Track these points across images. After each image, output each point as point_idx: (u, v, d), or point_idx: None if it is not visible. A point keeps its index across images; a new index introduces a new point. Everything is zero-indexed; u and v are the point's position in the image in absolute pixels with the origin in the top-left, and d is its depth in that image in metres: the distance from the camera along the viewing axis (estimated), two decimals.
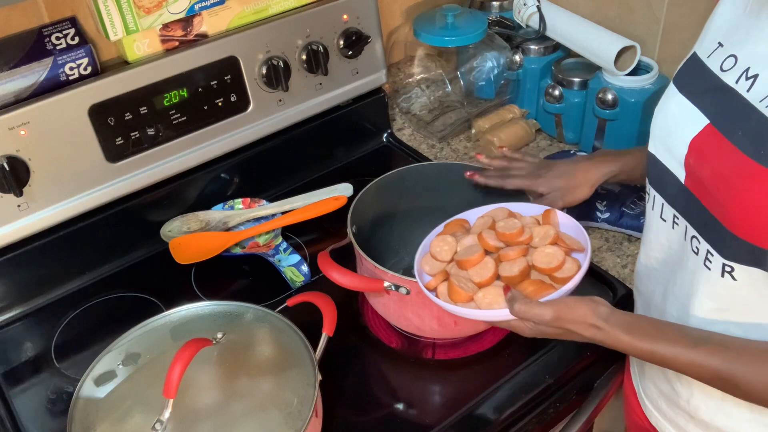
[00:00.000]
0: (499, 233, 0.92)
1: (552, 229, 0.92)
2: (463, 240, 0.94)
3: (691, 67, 0.81)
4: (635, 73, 1.28)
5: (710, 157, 0.75)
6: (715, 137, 0.74)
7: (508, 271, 0.87)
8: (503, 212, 0.98)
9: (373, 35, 1.31)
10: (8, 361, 1.07)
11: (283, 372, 0.87)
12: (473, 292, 0.86)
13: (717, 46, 0.77)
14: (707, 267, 0.78)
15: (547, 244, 0.90)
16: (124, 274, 1.20)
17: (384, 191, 1.10)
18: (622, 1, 1.33)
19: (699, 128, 0.76)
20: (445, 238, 0.95)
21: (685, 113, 0.79)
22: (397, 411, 0.98)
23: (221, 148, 1.23)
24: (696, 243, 0.79)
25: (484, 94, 1.48)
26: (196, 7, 1.14)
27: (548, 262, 0.87)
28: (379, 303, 1.02)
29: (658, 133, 0.84)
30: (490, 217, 0.97)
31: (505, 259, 0.89)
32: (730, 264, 0.75)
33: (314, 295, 0.96)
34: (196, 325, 0.93)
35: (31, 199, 1.07)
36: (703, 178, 0.76)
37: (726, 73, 0.75)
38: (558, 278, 0.86)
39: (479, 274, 0.88)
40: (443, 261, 0.93)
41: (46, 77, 1.06)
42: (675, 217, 0.82)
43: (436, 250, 0.94)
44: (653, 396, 0.95)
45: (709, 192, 0.75)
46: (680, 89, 0.81)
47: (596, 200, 1.21)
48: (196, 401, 0.83)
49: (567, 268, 0.87)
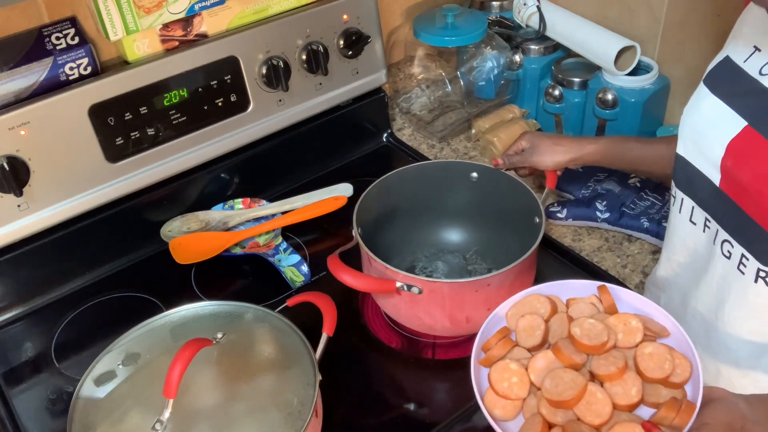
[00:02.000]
0: (580, 344, 0.74)
1: (633, 318, 0.75)
2: (533, 363, 0.75)
3: (725, 70, 0.80)
4: (635, 73, 1.28)
5: (751, 159, 0.73)
6: (755, 139, 0.73)
7: (624, 398, 0.70)
8: (542, 302, 0.81)
9: (373, 35, 1.31)
10: (8, 361, 1.07)
11: (283, 372, 0.87)
12: None
13: (753, 50, 0.77)
14: (741, 271, 0.76)
15: (639, 341, 0.74)
16: (124, 274, 1.20)
17: (385, 192, 1.10)
18: (622, 1, 1.33)
19: (737, 130, 0.75)
20: (506, 366, 0.75)
21: (719, 115, 0.77)
22: (398, 411, 0.98)
23: (221, 148, 1.23)
24: (728, 247, 0.77)
25: (484, 94, 1.48)
26: (196, 7, 1.14)
27: (660, 368, 0.71)
28: (389, 304, 1.02)
29: (688, 134, 0.82)
30: (533, 315, 0.79)
31: (610, 380, 0.71)
32: (766, 269, 0.74)
33: (314, 295, 0.96)
34: (196, 325, 0.93)
35: (31, 199, 1.07)
36: (743, 181, 0.74)
37: (766, 77, 0.74)
38: (674, 383, 0.72)
39: (594, 413, 0.69)
40: (518, 399, 0.74)
41: (46, 77, 1.06)
42: (707, 221, 0.81)
43: (503, 386, 0.74)
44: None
45: (749, 195, 0.74)
46: (713, 91, 0.80)
47: (596, 200, 1.21)
48: (196, 401, 0.83)
49: (678, 366, 0.72)
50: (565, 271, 1.13)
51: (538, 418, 0.71)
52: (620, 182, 1.24)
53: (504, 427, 0.72)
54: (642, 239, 1.18)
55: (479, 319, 0.98)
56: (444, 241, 1.18)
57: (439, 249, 1.17)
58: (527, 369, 0.75)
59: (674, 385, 0.71)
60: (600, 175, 1.26)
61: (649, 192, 1.22)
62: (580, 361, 0.73)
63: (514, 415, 0.74)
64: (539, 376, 0.74)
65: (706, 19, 1.20)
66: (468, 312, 0.97)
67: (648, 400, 0.72)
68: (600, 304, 0.80)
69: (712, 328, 0.83)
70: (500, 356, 0.78)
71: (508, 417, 0.74)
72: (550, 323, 0.79)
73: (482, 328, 0.81)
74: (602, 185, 1.24)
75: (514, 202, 1.06)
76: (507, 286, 0.96)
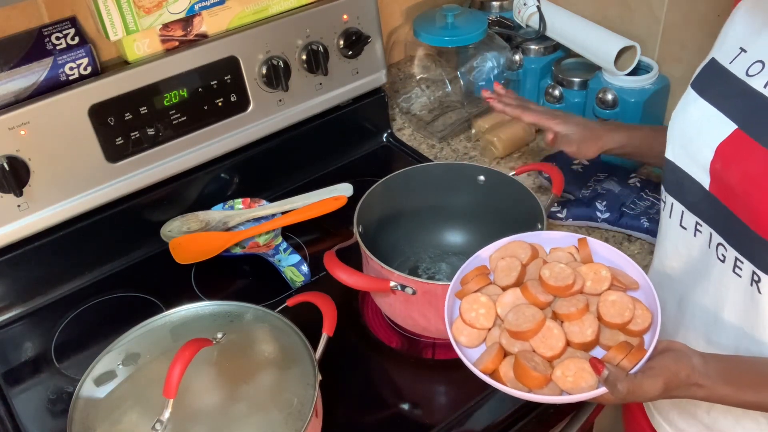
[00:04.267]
0: (547, 285, 0.77)
1: (603, 268, 0.79)
2: (501, 298, 0.79)
3: (712, 72, 0.80)
4: (635, 73, 1.28)
5: (740, 161, 0.73)
6: (744, 142, 0.73)
7: (579, 336, 0.74)
8: (524, 248, 0.84)
9: (373, 35, 1.31)
10: (8, 361, 1.07)
11: (283, 372, 0.87)
12: (548, 371, 0.72)
13: (739, 52, 0.76)
14: (737, 274, 0.76)
15: (605, 290, 0.77)
16: (124, 274, 1.20)
17: (390, 191, 1.10)
18: (622, 1, 1.33)
19: (726, 133, 0.75)
20: (476, 298, 0.80)
21: (708, 118, 0.77)
22: (398, 411, 0.98)
23: (221, 148, 1.23)
24: (722, 250, 0.77)
25: None
26: (196, 7, 1.14)
27: (620, 315, 0.74)
28: (385, 303, 1.02)
29: (677, 138, 0.82)
30: (513, 257, 0.83)
31: (569, 319, 0.75)
32: (759, 274, 0.73)
33: (314, 295, 0.96)
34: (196, 325, 0.93)
35: (31, 199, 1.07)
36: (731, 183, 0.74)
37: (753, 78, 0.74)
38: (633, 331, 0.75)
39: (548, 345, 0.73)
40: (483, 329, 0.79)
41: (46, 77, 1.06)
42: (698, 225, 0.80)
43: (470, 315, 0.79)
44: (664, 408, 0.94)
45: (738, 197, 0.73)
46: (701, 94, 0.79)
47: (596, 200, 1.21)
48: (196, 401, 0.83)
49: (639, 316, 0.75)
50: None
51: (497, 346, 0.76)
52: (620, 182, 1.24)
53: (466, 353, 0.76)
54: (642, 239, 1.18)
55: None
56: (448, 243, 1.18)
57: (443, 251, 1.17)
58: (495, 303, 0.79)
59: (632, 332, 0.74)
60: (600, 175, 1.26)
61: (649, 192, 1.22)
62: (544, 300, 0.77)
63: (478, 343, 0.78)
64: (504, 310, 0.78)
65: (706, 19, 1.20)
66: None
67: (604, 343, 0.75)
68: (578, 255, 0.83)
69: (711, 331, 0.82)
70: (474, 290, 0.81)
71: (472, 344, 0.78)
72: (528, 267, 0.82)
73: (464, 265, 0.85)
74: (602, 185, 1.24)
75: (519, 206, 1.06)
76: None
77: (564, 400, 0.71)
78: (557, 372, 0.72)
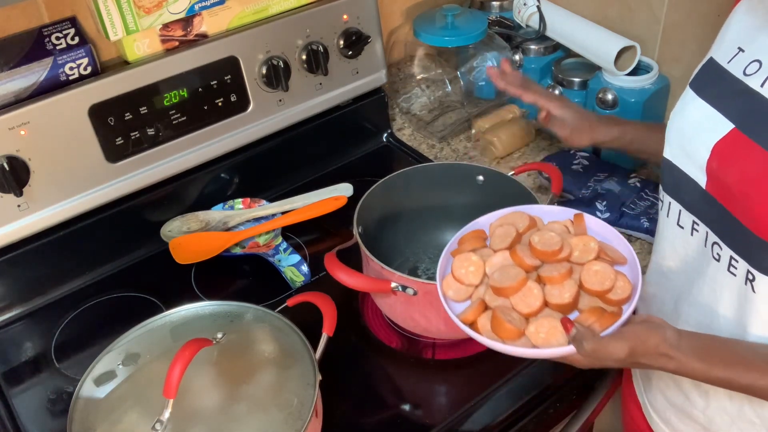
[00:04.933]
0: (535, 249, 0.81)
1: (592, 240, 0.82)
2: (491, 259, 0.83)
3: (710, 72, 0.80)
4: (635, 73, 1.28)
5: (736, 161, 0.73)
6: (741, 141, 0.73)
7: (557, 298, 0.77)
8: (523, 218, 0.87)
9: (373, 35, 1.31)
10: (8, 361, 1.07)
11: (283, 372, 0.87)
12: (522, 326, 0.76)
13: (737, 51, 0.77)
14: (732, 273, 0.76)
15: (591, 259, 0.80)
16: (124, 274, 1.20)
17: (390, 191, 1.10)
18: (622, 1, 1.33)
19: (723, 132, 0.75)
20: (468, 257, 0.83)
21: (706, 118, 0.77)
22: (398, 411, 0.98)
23: (221, 148, 1.23)
24: (717, 249, 0.78)
25: (484, 94, 1.48)
26: (196, 7, 1.14)
27: (600, 283, 0.78)
28: (386, 304, 1.02)
29: (675, 138, 0.82)
30: (510, 225, 0.86)
31: (551, 282, 0.79)
32: (753, 272, 0.74)
33: (314, 295, 0.96)
34: (196, 325, 0.93)
35: (31, 199, 1.07)
36: (728, 182, 0.74)
37: (750, 78, 0.74)
38: (611, 300, 0.77)
39: (526, 303, 0.77)
40: (471, 285, 0.82)
41: (46, 77, 1.06)
42: (695, 224, 0.81)
43: (460, 272, 0.83)
44: (661, 407, 0.94)
45: (734, 197, 0.74)
46: (699, 94, 0.80)
47: (596, 200, 1.21)
48: (196, 401, 0.83)
49: (619, 287, 0.78)
50: None
51: (480, 301, 0.80)
52: (620, 182, 1.24)
53: (451, 306, 0.81)
54: (642, 239, 1.18)
55: None
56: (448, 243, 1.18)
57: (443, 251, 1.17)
58: (485, 263, 0.83)
59: (611, 301, 0.77)
60: (600, 175, 1.26)
61: (649, 192, 1.22)
62: (530, 263, 0.80)
63: (464, 298, 0.82)
64: (492, 269, 0.82)
65: (706, 19, 1.20)
66: None
67: (582, 308, 0.78)
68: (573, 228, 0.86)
69: (707, 329, 0.82)
70: (468, 250, 0.85)
71: (459, 299, 0.82)
72: (524, 236, 0.85)
73: (464, 228, 0.89)
74: (602, 185, 1.24)
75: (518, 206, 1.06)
76: None
77: (532, 353, 0.74)
78: (531, 328, 0.75)
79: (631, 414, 1.04)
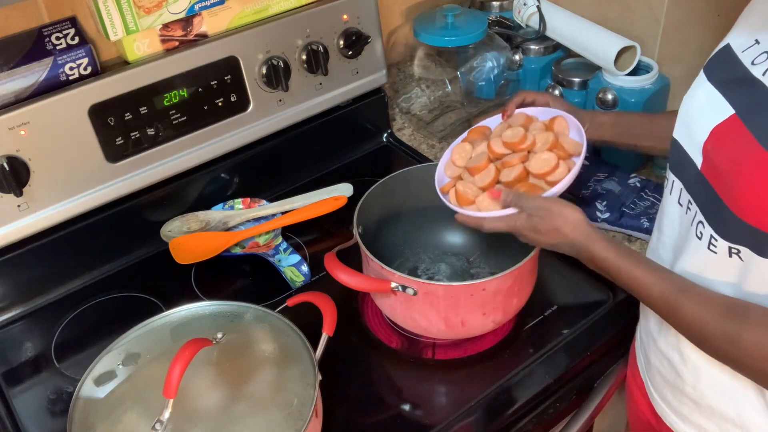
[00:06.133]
0: (504, 141, 0.98)
1: (551, 135, 0.97)
2: (478, 147, 1.01)
3: (723, 57, 0.82)
4: (635, 73, 1.28)
5: (728, 144, 0.75)
6: (737, 127, 0.75)
7: (506, 177, 0.95)
8: (520, 117, 1.03)
9: (373, 35, 1.31)
10: (8, 361, 1.07)
11: (283, 372, 0.87)
12: (476, 196, 0.95)
13: (753, 43, 0.78)
14: (713, 251, 0.78)
15: (545, 150, 0.95)
16: (124, 274, 1.20)
17: (389, 192, 1.10)
18: (622, 1, 1.33)
19: (723, 117, 0.77)
20: (464, 145, 1.03)
21: (711, 102, 0.80)
22: (398, 411, 0.98)
23: (221, 148, 1.23)
24: (701, 228, 0.80)
25: (484, 94, 1.48)
26: (196, 7, 1.14)
27: (540, 167, 0.94)
28: (385, 304, 1.02)
29: (683, 119, 0.85)
30: (508, 123, 1.03)
31: (507, 165, 0.96)
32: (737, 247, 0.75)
33: (314, 295, 0.96)
34: (196, 325, 0.93)
35: (31, 199, 1.07)
36: (718, 164, 0.77)
37: (756, 66, 0.75)
38: (551, 182, 0.93)
39: (482, 179, 0.96)
40: (459, 167, 1.01)
41: (46, 77, 1.06)
42: (689, 203, 0.83)
43: (455, 156, 1.03)
44: (659, 385, 0.95)
45: (721, 178, 0.76)
46: (709, 78, 0.82)
47: (596, 200, 1.21)
48: (196, 401, 0.83)
49: (559, 173, 0.93)
50: (567, 272, 1.13)
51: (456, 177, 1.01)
52: (620, 182, 1.24)
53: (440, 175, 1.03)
54: (642, 239, 1.18)
55: (475, 323, 0.98)
56: (448, 244, 1.18)
57: (443, 251, 1.17)
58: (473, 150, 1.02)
59: (551, 183, 0.93)
60: (600, 175, 1.26)
61: (649, 192, 1.22)
62: (498, 151, 0.98)
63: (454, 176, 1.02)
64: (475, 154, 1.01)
65: (706, 19, 1.20)
66: (463, 316, 0.97)
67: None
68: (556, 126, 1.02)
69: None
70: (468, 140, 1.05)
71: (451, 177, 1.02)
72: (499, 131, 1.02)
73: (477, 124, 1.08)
74: (602, 185, 1.24)
75: None
76: (504, 291, 0.97)
77: (472, 213, 0.94)
78: (480, 197, 0.95)
79: (633, 397, 1.05)
